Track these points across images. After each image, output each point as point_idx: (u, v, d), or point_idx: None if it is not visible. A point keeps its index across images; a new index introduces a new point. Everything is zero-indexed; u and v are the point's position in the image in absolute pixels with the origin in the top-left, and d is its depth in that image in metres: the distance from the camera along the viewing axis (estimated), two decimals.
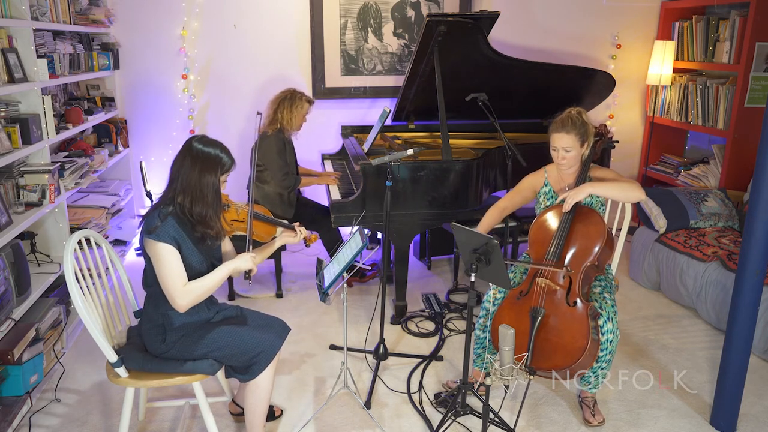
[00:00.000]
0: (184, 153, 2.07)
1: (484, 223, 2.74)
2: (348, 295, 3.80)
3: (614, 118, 4.94)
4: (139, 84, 4.36)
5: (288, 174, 3.62)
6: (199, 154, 2.05)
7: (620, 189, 2.49)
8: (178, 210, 2.06)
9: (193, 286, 2.06)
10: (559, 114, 2.58)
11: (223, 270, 2.14)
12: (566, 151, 2.51)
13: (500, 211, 2.76)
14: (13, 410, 2.38)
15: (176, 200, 2.07)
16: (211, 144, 2.09)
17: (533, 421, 2.59)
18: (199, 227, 2.07)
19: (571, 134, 2.48)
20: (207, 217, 2.07)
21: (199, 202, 2.05)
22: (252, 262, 2.19)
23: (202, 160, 2.05)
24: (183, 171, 2.06)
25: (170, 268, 2.02)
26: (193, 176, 2.04)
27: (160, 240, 2.01)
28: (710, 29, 4.30)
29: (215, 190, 2.07)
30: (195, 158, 2.05)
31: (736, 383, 2.45)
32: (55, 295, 3.01)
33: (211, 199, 2.07)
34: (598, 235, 2.44)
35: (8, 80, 2.76)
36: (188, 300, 2.05)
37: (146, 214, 2.11)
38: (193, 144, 2.07)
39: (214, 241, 2.13)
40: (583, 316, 2.34)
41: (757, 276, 2.32)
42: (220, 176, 2.09)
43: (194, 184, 2.04)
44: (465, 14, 3.75)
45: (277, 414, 2.59)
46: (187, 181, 2.05)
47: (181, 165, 2.06)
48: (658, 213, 3.84)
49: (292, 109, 3.60)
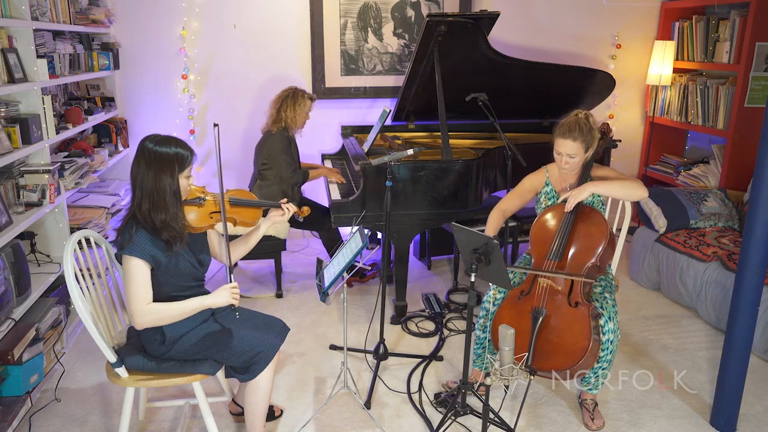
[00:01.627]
0: (138, 157, 1.99)
1: (490, 226, 2.71)
2: (348, 295, 3.80)
3: (614, 118, 4.94)
4: (139, 84, 4.36)
5: (296, 170, 3.63)
6: (152, 155, 1.97)
7: (623, 188, 2.49)
8: (140, 218, 1.99)
9: (156, 307, 2.00)
10: (566, 116, 2.55)
11: (194, 302, 2.07)
12: (570, 157, 2.51)
13: (503, 212, 2.74)
14: (13, 410, 2.38)
15: (140, 208, 1.99)
16: (164, 142, 2.01)
17: (533, 421, 2.59)
18: (163, 233, 2.00)
19: (577, 141, 2.47)
20: (167, 222, 1.99)
21: (159, 207, 1.97)
22: (231, 296, 2.08)
23: (155, 161, 1.97)
24: (139, 176, 1.99)
25: (135, 283, 1.98)
26: (149, 180, 1.97)
27: (131, 255, 1.96)
28: (710, 29, 4.30)
29: (173, 192, 1.99)
30: (148, 161, 1.98)
31: (736, 383, 2.45)
32: (55, 295, 3.01)
33: (170, 202, 1.99)
34: (601, 235, 2.44)
35: (8, 80, 2.76)
36: (147, 320, 2.00)
37: (119, 228, 2.05)
38: (145, 146, 1.99)
39: (179, 243, 2.04)
40: (584, 316, 2.34)
41: (757, 276, 2.32)
42: (179, 174, 2.01)
43: (151, 188, 1.97)
44: (465, 14, 3.74)
45: (277, 414, 2.59)
46: (145, 187, 1.98)
47: (137, 170, 1.99)
48: (658, 213, 3.84)
49: (295, 107, 3.61)
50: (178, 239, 2.03)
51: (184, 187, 2.06)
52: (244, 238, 2.39)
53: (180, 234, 2.04)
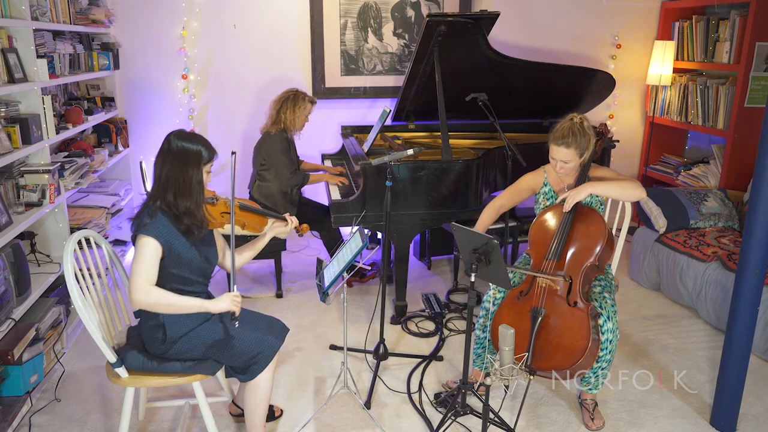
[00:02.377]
0: (164, 150, 2.10)
1: (482, 222, 2.74)
2: (348, 295, 3.80)
3: (614, 118, 4.94)
4: (139, 84, 4.36)
5: (295, 171, 3.63)
6: (180, 149, 2.09)
7: (621, 188, 2.49)
8: (163, 205, 2.09)
9: (156, 291, 2.04)
10: (561, 119, 2.56)
11: (195, 301, 2.10)
12: (564, 163, 2.52)
13: (497, 209, 2.76)
14: (13, 410, 2.38)
15: (164, 197, 2.09)
16: (190, 138, 2.12)
17: (533, 421, 2.59)
18: (185, 219, 2.10)
19: (570, 148, 2.47)
20: (191, 209, 2.10)
21: (184, 195, 2.08)
22: (233, 304, 2.12)
23: (183, 154, 2.08)
24: (165, 167, 2.09)
25: (144, 261, 2.03)
26: (175, 170, 2.08)
27: (147, 234, 2.03)
28: (710, 29, 4.30)
29: (198, 181, 2.10)
30: (176, 154, 2.08)
31: (736, 383, 2.45)
32: (55, 295, 3.01)
33: (195, 190, 2.10)
34: (599, 235, 2.44)
35: (8, 80, 2.76)
36: (144, 300, 2.03)
37: (135, 215, 2.13)
38: (172, 140, 2.10)
39: (199, 230, 2.14)
40: (583, 316, 2.34)
41: (757, 276, 2.32)
42: (203, 167, 2.12)
43: (178, 178, 2.07)
44: (465, 14, 3.74)
45: (277, 414, 2.59)
46: (171, 177, 2.08)
47: (164, 162, 2.09)
48: (658, 213, 3.84)
49: (294, 110, 3.61)
50: (198, 225, 2.12)
51: (204, 180, 2.16)
52: (250, 244, 2.45)
53: (201, 221, 2.13)
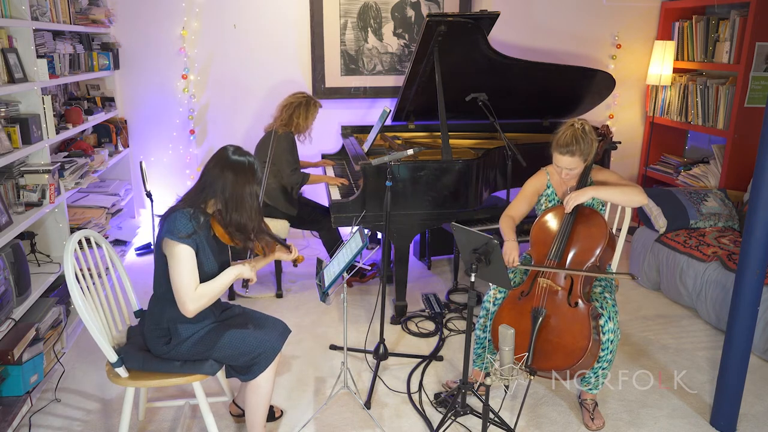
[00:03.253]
0: (221, 163, 2.09)
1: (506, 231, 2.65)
2: (348, 295, 3.79)
3: (614, 118, 4.94)
4: (139, 84, 4.36)
5: (296, 170, 3.64)
6: (239, 164, 2.09)
7: (622, 194, 2.49)
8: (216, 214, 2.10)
9: (203, 290, 2.07)
10: (561, 120, 2.55)
11: (229, 274, 2.15)
12: (570, 170, 2.52)
13: (512, 219, 2.70)
14: (13, 410, 2.38)
15: (208, 206, 2.10)
16: (247, 154, 2.14)
17: (533, 421, 2.59)
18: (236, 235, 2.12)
19: (575, 156, 2.47)
20: (246, 227, 2.11)
21: (240, 210, 2.09)
22: (252, 272, 2.23)
23: (242, 170, 2.09)
24: (221, 180, 2.07)
25: (186, 270, 2.03)
26: (234, 185, 2.07)
27: (181, 241, 2.01)
28: (710, 29, 4.30)
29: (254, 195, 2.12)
30: (235, 168, 2.08)
31: (736, 383, 2.45)
32: (55, 295, 3.01)
33: (253, 208, 2.11)
34: (600, 236, 2.44)
35: (8, 80, 2.76)
36: (199, 305, 2.06)
37: (166, 215, 2.10)
38: (230, 155, 2.10)
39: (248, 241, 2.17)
40: (584, 316, 2.34)
41: (757, 276, 2.32)
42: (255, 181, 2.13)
43: (236, 193, 2.07)
44: (465, 14, 3.75)
45: (278, 415, 2.59)
46: (227, 190, 2.07)
47: (219, 174, 2.07)
48: (658, 213, 3.84)
49: (307, 116, 3.66)
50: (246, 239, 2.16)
51: None
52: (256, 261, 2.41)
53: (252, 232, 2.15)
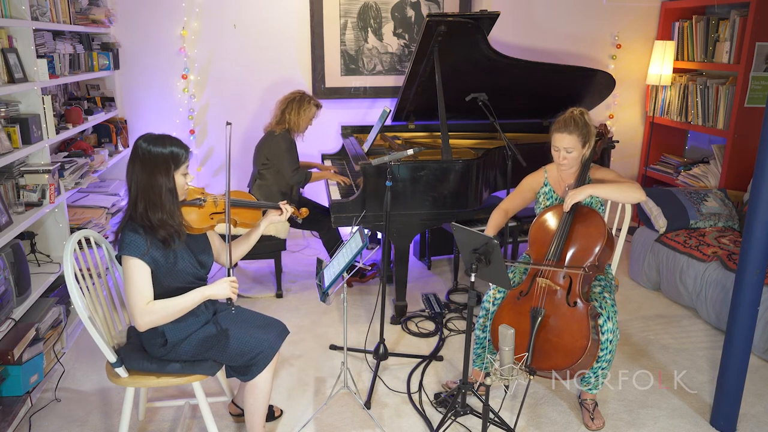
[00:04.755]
0: (132, 157, 2.00)
1: (491, 225, 2.71)
2: (348, 295, 3.79)
3: (614, 118, 4.94)
4: (139, 84, 4.36)
5: (297, 170, 3.64)
6: (146, 155, 1.98)
7: (620, 190, 2.49)
8: (138, 218, 2.00)
9: (156, 306, 2.00)
10: (561, 114, 2.57)
11: (194, 295, 2.06)
12: (567, 152, 2.51)
13: (504, 213, 2.74)
14: (13, 410, 2.38)
15: (135, 210, 2.00)
16: (158, 141, 2.00)
17: (533, 421, 2.59)
18: (160, 231, 2.01)
19: (573, 135, 2.48)
20: (164, 220, 2.00)
21: (155, 206, 1.98)
22: (230, 290, 2.08)
23: (150, 161, 1.98)
24: (134, 177, 1.99)
25: (135, 283, 1.97)
26: (144, 180, 1.97)
27: (130, 254, 1.97)
28: (710, 29, 4.30)
29: (168, 190, 2.00)
30: (143, 161, 1.98)
31: (736, 383, 2.45)
32: (55, 295, 3.01)
33: (166, 201, 1.99)
34: (599, 235, 2.44)
35: (8, 80, 2.76)
36: (148, 319, 1.99)
37: (117, 229, 2.05)
38: (139, 145, 1.99)
39: (178, 239, 2.06)
40: (583, 316, 2.34)
41: (757, 276, 2.32)
42: (175, 172, 2.01)
43: (146, 188, 1.98)
44: (465, 14, 3.74)
45: (277, 414, 2.59)
46: (140, 187, 1.99)
47: (132, 171, 2.00)
48: (658, 213, 3.84)
49: (299, 112, 3.62)
50: (176, 236, 2.04)
51: (181, 185, 2.06)
52: (244, 237, 2.40)
53: (177, 231, 2.04)
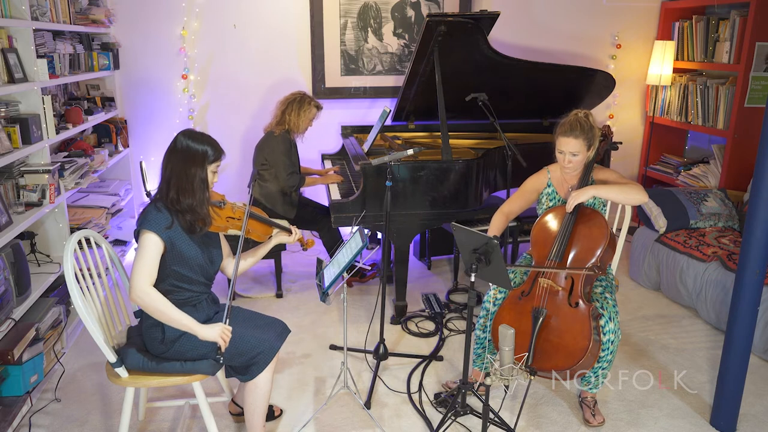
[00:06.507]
0: (170, 149, 2.14)
1: (493, 227, 2.70)
2: (348, 295, 3.79)
3: (614, 118, 4.93)
4: (139, 84, 4.36)
5: (293, 173, 3.63)
6: (185, 148, 2.12)
7: (623, 192, 2.48)
8: (167, 203, 2.12)
9: (155, 295, 2.04)
10: (566, 116, 2.56)
11: (187, 319, 2.07)
12: (573, 155, 2.51)
13: (506, 215, 2.72)
14: (13, 410, 2.38)
15: (167, 194, 2.12)
16: (197, 138, 2.14)
17: (533, 421, 2.59)
18: (187, 215, 2.12)
19: (579, 139, 2.47)
20: (194, 206, 2.12)
21: (187, 192, 2.10)
22: (221, 337, 2.07)
23: (187, 152, 2.11)
24: (170, 165, 2.12)
25: (144, 259, 2.05)
26: (179, 168, 2.11)
27: (149, 229, 2.06)
28: (710, 29, 4.30)
29: (201, 180, 2.12)
30: (181, 152, 2.11)
31: (736, 383, 2.45)
32: (55, 295, 3.01)
33: (197, 189, 2.12)
34: (601, 237, 2.44)
35: (8, 80, 2.76)
36: (142, 301, 2.03)
37: (142, 211, 2.15)
38: (179, 139, 2.14)
39: (202, 227, 2.16)
40: (584, 316, 2.34)
41: (757, 276, 2.32)
42: (208, 166, 2.14)
43: (181, 175, 2.10)
44: (465, 14, 3.74)
45: (277, 414, 2.60)
46: (175, 173, 2.11)
47: (169, 160, 2.13)
48: (658, 213, 3.84)
49: (299, 113, 3.62)
50: (201, 223, 2.15)
51: (210, 180, 2.18)
52: (252, 251, 2.46)
53: (204, 218, 2.15)
